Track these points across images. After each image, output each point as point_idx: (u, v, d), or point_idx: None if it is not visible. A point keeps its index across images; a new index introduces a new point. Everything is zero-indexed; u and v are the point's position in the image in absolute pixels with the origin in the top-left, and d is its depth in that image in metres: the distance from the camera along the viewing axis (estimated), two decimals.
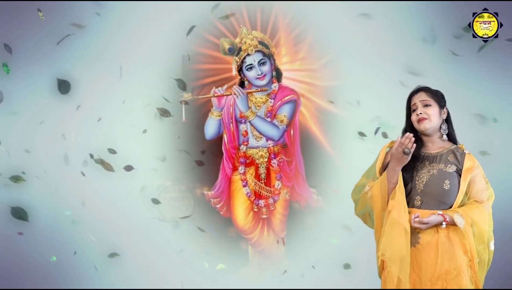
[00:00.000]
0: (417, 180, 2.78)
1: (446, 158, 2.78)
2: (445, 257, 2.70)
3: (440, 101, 2.83)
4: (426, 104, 2.80)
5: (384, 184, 2.80)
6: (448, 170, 2.76)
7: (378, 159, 2.93)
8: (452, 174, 2.75)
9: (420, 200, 2.78)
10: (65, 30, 4.32)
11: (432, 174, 2.77)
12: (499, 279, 3.98)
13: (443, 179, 2.75)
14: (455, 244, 2.71)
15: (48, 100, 4.36)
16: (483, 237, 2.73)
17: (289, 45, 4.42)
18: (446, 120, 2.85)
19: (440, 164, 2.77)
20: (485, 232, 2.74)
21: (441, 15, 4.24)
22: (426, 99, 2.81)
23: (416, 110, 2.82)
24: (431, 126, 2.80)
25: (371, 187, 2.86)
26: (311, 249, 4.43)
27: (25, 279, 4.36)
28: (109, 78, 4.37)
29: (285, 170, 4.46)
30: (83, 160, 4.39)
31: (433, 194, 2.76)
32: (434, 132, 2.83)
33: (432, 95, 2.83)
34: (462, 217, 2.69)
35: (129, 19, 4.35)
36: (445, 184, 2.74)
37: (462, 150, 2.81)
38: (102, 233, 4.39)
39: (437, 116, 2.80)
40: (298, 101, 4.44)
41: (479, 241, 2.74)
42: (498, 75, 4.25)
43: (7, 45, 4.30)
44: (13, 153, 4.35)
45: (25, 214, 4.34)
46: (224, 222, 4.50)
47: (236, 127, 4.46)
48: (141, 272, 4.40)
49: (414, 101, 2.84)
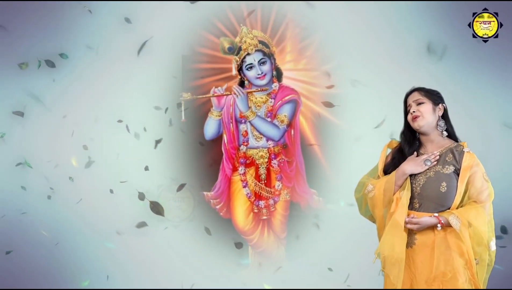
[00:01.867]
0: (415, 183, 2.78)
1: (444, 159, 2.77)
2: (441, 259, 2.69)
3: (435, 99, 2.82)
4: (419, 102, 2.81)
5: (389, 185, 2.79)
6: (445, 172, 2.74)
7: (380, 158, 2.93)
8: (449, 176, 2.74)
9: (418, 203, 2.77)
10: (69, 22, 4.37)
11: (428, 177, 2.76)
12: (499, 279, 3.98)
13: (439, 181, 2.74)
14: (452, 246, 2.69)
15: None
16: (481, 238, 2.70)
17: (295, 42, 4.40)
18: (443, 117, 2.83)
19: (438, 166, 2.76)
20: (483, 233, 2.70)
21: (441, 15, 4.24)
22: (419, 98, 2.81)
23: (410, 110, 2.83)
24: (425, 123, 2.79)
25: (374, 186, 2.85)
26: (312, 250, 4.42)
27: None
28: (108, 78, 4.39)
29: (285, 170, 4.44)
30: (86, 162, 4.43)
31: (430, 197, 2.75)
32: (431, 130, 2.82)
33: (425, 93, 2.83)
34: (458, 219, 2.66)
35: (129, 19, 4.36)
36: (441, 186, 2.73)
37: (462, 149, 2.79)
38: (101, 233, 4.40)
39: (430, 113, 2.79)
40: (298, 101, 4.41)
41: (477, 242, 2.71)
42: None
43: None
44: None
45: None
46: (224, 223, 4.49)
47: (236, 127, 4.44)
48: (141, 272, 4.39)
49: (409, 102, 2.84)
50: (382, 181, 2.83)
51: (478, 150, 2.92)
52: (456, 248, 2.69)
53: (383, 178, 2.85)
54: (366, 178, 2.95)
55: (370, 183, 2.88)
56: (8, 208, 4.39)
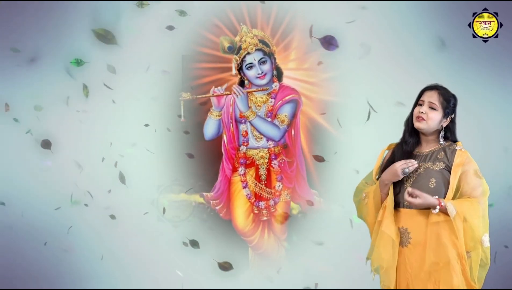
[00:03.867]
0: (406, 179, 2.79)
1: (435, 157, 2.78)
2: (432, 250, 2.69)
3: (447, 110, 2.79)
4: (432, 107, 2.78)
5: (377, 193, 2.84)
6: (435, 168, 2.75)
7: (376, 162, 2.94)
8: (438, 172, 2.74)
9: None
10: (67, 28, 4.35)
11: (419, 173, 2.77)
12: (499, 279, 3.98)
13: (428, 177, 2.75)
14: (443, 238, 2.68)
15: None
16: (473, 231, 2.69)
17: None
18: (447, 128, 2.82)
19: (428, 163, 2.77)
20: (476, 227, 2.69)
21: (441, 15, 4.23)
22: (435, 103, 2.77)
23: (421, 105, 2.81)
24: (425, 128, 2.78)
25: (367, 194, 2.90)
26: (312, 252, 4.40)
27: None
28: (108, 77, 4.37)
29: (286, 171, 4.41)
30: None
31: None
32: (431, 134, 2.82)
33: (443, 100, 2.78)
34: (454, 207, 2.67)
35: (129, 18, 4.35)
36: (430, 182, 2.74)
37: (454, 147, 2.79)
38: (100, 234, 4.38)
39: (436, 122, 2.78)
40: (299, 101, 4.39)
41: (470, 236, 2.69)
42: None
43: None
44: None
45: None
46: (224, 224, 4.47)
47: (236, 127, 4.41)
48: (141, 272, 4.37)
49: (424, 97, 2.81)
50: (372, 189, 2.88)
51: (478, 149, 2.93)
52: (448, 240, 2.68)
53: (371, 188, 2.89)
54: (362, 184, 2.98)
55: (363, 192, 2.93)
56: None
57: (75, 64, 4.33)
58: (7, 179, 4.40)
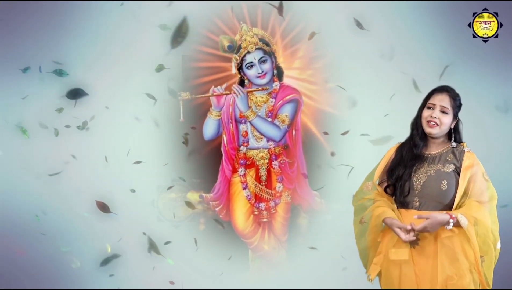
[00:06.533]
0: (415, 181, 2.79)
1: (445, 158, 2.78)
2: (445, 263, 2.67)
3: (456, 112, 2.81)
4: (444, 111, 2.77)
5: (378, 226, 2.83)
6: (446, 170, 2.75)
7: (380, 162, 2.93)
8: (449, 174, 2.74)
9: (418, 201, 2.79)
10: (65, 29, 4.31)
11: (429, 175, 2.77)
12: (499, 279, 3.97)
13: (440, 179, 2.75)
14: (456, 249, 2.68)
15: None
16: (488, 234, 2.69)
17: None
18: (455, 128, 2.84)
19: (438, 164, 2.78)
20: (489, 230, 2.69)
21: (441, 15, 4.24)
22: (447, 107, 2.77)
23: (432, 108, 2.79)
24: (438, 133, 2.80)
25: (371, 216, 2.85)
26: (313, 253, 4.38)
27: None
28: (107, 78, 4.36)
29: (286, 171, 4.38)
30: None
31: (430, 195, 2.76)
32: (440, 137, 2.83)
33: (453, 103, 2.79)
34: (465, 217, 2.65)
35: (128, 18, 4.33)
36: (442, 184, 2.74)
37: (462, 148, 2.80)
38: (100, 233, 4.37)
39: (448, 126, 2.80)
40: (300, 101, 4.35)
41: (484, 240, 2.69)
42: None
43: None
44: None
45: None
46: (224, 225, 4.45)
47: (235, 127, 4.38)
48: (141, 272, 4.36)
49: (434, 100, 2.80)
50: (373, 215, 2.84)
51: (480, 150, 2.93)
52: (460, 251, 2.68)
53: (373, 212, 2.84)
54: (363, 192, 2.95)
55: (363, 215, 2.90)
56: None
57: (58, 75, 4.32)
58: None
